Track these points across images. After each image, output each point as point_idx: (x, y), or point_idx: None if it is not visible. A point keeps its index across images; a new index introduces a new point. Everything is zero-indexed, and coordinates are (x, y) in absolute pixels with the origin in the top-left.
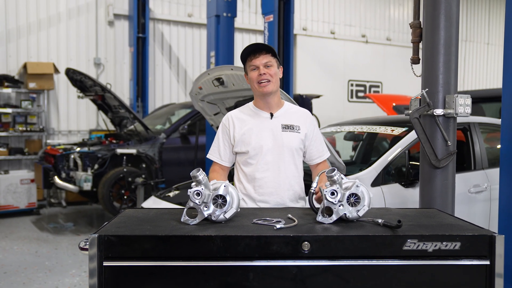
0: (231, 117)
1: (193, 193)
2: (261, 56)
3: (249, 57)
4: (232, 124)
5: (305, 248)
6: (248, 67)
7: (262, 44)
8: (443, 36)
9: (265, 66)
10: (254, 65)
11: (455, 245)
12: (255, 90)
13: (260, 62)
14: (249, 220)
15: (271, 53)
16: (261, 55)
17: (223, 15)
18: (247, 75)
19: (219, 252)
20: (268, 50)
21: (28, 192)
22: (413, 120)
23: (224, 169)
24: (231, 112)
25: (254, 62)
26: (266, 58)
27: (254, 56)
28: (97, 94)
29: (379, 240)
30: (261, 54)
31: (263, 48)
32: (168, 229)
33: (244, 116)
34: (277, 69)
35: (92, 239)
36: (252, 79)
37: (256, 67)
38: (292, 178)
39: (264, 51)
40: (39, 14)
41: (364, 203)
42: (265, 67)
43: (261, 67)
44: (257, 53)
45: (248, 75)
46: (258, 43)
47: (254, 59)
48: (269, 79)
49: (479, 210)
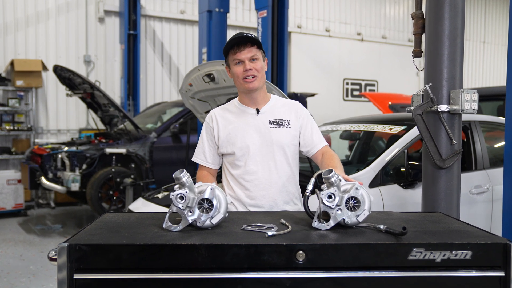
0: (214, 115)
1: (176, 197)
2: (246, 49)
3: (233, 50)
4: (216, 123)
5: (300, 258)
6: (231, 61)
7: (247, 36)
8: (448, 27)
9: (251, 60)
10: (238, 59)
11: (465, 254)
12: (240, 86)
13: (245, 56)
14: (239, 226)
15: (257, 45)
16: (246, 48)
17: (216, 10)
18: (228, 69)
19: (203, 263)
20: (254, 42)
21: (15, 192)
22: (416, 117)
23: (212, 172)
24: (215, 109)
25: (239, 56)
26: (252, 51)
27: (238, 49)
28: (86, 92)
29: (382, 249)
30: (246, 47)
31: (248, 40)
32: (147, 237)
33: (228, 114)
34: (262, 62)
35: (61, 248)
36: (237, 75)
37: (241, 61)
38: (285, 178)
39: (249, 43)
40: (27, 10)
41: (364, 207)
42: (251, 61)
43: (246, 62)
44: (241, 45)
45: (232, 69)
46: (242, 34)
47: (239, 53)
48: (255, 74)
49: (481, 212)
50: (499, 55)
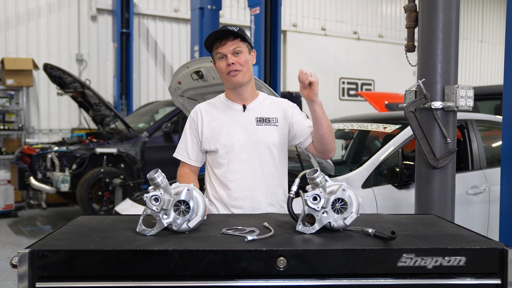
0: (199, 110)
1: (150, 199)
2: (228, 42)
3: (215, 44)
4: (201, 118)
5: (281, 265)
6: (215, 56)
7: (228, 29)
8: (442, 20)
9: (234, 54)
10: (221, 53)
11: (459, 261)
12: (225, 81)
13: (227, 50)
14: (218, 229)
15: (240, 38)
16: (228, 41)
17: (208, 7)
18: (214, 64)
19: (177, 270)
20: (236, 35)
21: (5, 193)
22: (408, 114)
23: (193, 170)
24: (200, 104)
25: (221, 50)
26: (234, 44)
27: (220, 43)
28: (76, 91)
29: (369, 255)
30: (228, 41)
31: (230, 33)
32: (118, 242)
33: (213, 109)
34: (248, 55)
35: (22, 255)
36: (221, 70)
37: (224, 56)
38: (270, 179)
39: (231, 36)
40: (18, 8)
41: (352, 209)
42: (234, 55)
43: (229, 56)
44: (223, 39)
45: (216, 64)
46: (224, 28)
47: (221, 47)
48: (238, 68)
49: (477, 213)
50: (496, 54)
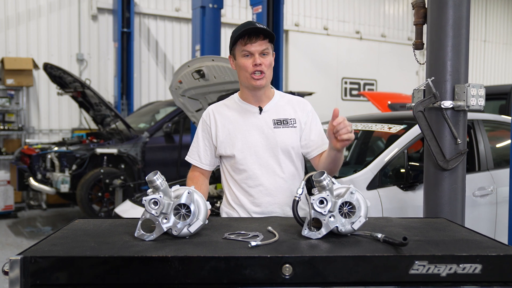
0: (212, 112)
1: (149, 202)
2: (258, 41)
3: (243, 40)
4: (214, 121)
5: (286, 273)
6: (238, 52)
7: (261, 28)
8: (452, 16)
9: (261, 55)
10: (248, 51)
11: (475, 268)
12: (244, 81)
13: (256, 49)
14: (220, 234)
15: (269, 39)
16: (258, 40)
17: (209, 6)
18: (233, 59)
19: (177, 278)
20: (267, 35)
21: (5, 194)
22: (417, 114)
23: (205, 173)
24: (213, 105)
25: (249, 48)
26: (264, 44)
27: (249, 40)
28: (76, 91)
29: (380, 262)
30: (258, 39)
31: (262, 32)
32: (115, 248)
33: (228, 111)
34: (272, 58)
35: (13, 261)
36: (244, 67)
37: (250, 54)
38: (292, 183)
39: (262, 35)
40: (18, 7)
41: (360, 213)
42: (261, 55)
43: (256, 55)
44: (253, 36)
45: (238, 61)
46: (256, 25)
47: (250, 44)
48: (264, 70)
49: (485, 215)
50: (500, 54)
